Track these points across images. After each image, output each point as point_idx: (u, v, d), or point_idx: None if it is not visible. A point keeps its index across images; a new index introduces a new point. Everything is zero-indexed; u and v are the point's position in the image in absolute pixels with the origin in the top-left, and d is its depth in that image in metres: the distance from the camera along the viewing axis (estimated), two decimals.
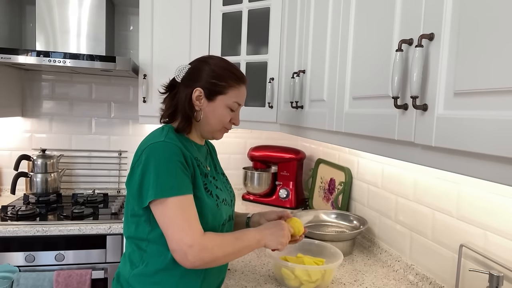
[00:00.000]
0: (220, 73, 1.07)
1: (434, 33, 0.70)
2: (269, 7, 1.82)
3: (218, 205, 1.06)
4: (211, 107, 1.08)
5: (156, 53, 2.04)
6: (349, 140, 1.09)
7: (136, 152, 1.02)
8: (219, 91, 1.07)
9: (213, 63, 1.09)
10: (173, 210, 0.93)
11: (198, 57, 1.15)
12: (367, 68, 0.98)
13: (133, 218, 1.02)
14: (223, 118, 1.10)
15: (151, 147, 0.97)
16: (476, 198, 1.05)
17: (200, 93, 1.06)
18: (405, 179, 1.39)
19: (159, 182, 0.93)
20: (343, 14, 1.12)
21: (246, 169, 2.34)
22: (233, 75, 1.09)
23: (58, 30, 1.99)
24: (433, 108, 0.69)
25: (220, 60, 1.11)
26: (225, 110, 1.09)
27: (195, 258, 0.91)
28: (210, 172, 1.14)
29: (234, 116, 1.13)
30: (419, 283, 1.26)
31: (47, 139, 2.30)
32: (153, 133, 1.06)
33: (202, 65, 1.09)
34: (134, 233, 1.02)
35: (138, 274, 1.01)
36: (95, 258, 1.78)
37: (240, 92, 1.11)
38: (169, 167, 0.94)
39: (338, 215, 1.70)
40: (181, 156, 0.97)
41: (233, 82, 1.08)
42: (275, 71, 1.82)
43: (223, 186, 1.16)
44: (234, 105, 1.10)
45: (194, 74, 1.08)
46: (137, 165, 0.98)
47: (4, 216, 1.81)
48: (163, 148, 0.96)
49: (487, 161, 0.58)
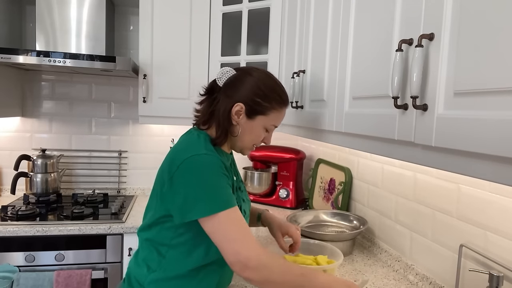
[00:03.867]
0: (266, 93, 1.03)
1: (434, 33, 0.70)
2: (269, 7, 1.82)
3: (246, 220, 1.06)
4: (249, 125, 1.04)
5: (156, 53, 2.04)
6: (349, 140, 1.09)
7: (172, 160, 0.96)
8: (261, 112, 1.03)
9: (260, 79, 1.04)
10: (227, 223, 0.90)
11: (244, 66, 1.11)
12: (367, 68, 0.98)
13: (155, 223, 1.00)
14: (257, 137, 1.07)
15: (193, 159, 0.93)
16: (476, 198, 1.05)
17: (241, 109, 1.02)
18: (405, 179, 1.39)
19: (210, 198, 0.90)
20: (343, 14, 1.12)
21: (246, 169, 2.34)
22: (279, 97, 1.05)
23: (58, 30, 1.99)
24: (433, 108, 0.69)
25: (267, 76, 1.06)
26: (261, 131, 1.06)
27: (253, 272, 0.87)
28: (236, 182, 1.11)
29: (267, 136, 1.10)
30: (419, 283, 1.26)
31: (47, 139, 2.30)
32: (188, 140, 1.02)
33: (247, 78, 1.03)
34: (155, 237, 1.00)
35: (155, 279, 0.99)
36: (95, 258, 1.78)
37: (280, 115, 1.08)
38: (217, 181, 0.92)
39: (338, 215, 1.70)
40: (224, 169, 0.95)
41: (277, 104, 1.04)
42: (275, 71, 1.82)
43: (246, 197, 1.15)
44: (271, 127, 1.08)
45: (238, 86, 1.03)
46: (178, 176, 0.93)
47: (4, 216, 1.81)
48: (208, 162, 0.93)
49: (487, 161, 0.58)
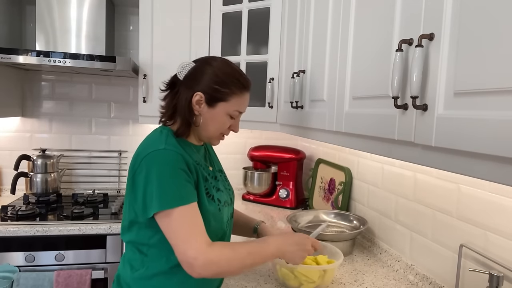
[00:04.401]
0: (223, 79, 1.02)
1: (434, 33, 0.70)
2: (269, 7, 1.82)
3: (220, 209, 1.04)
4: (210, 113, 1.03)
5: (156, 53, 2.04)
6: (349, 140, 1.09)
7: (134, 157, 0.98)
8: (221, 98, 1.02)
9: (217, 67, 1.03)
10: (178, 221, 0.91)
11: (202, 57, 1.09)
12: (367, 68, 0.98)
13: (133, 224, 1.01)
14: (222, 125, 1.06)
15: (152, 155, 0.94)
16: (476, 198, 1.05)
17: (200, 98, 1.01)
18: (405, 179, 1.39)
19: (163, 193, 0.91)
20: (343, 14, 1.12)
21: (246, 169, 2.34)
22: (237, 81, 1.03)
23: (58, 30, 1.99)
24: (433, 108, 0.69)
25: (225, 63, 1.05)
26: (225, 118, 1.05)
27: (201, 270, 0.89)
28: (212, 172, 1.11)
29: (234, 124, 1.09)
30: (419, 283, 1.26)
31: (47, 139, 2.30)
32: (151, 137, 1.02)
33: (205, 67, 1.03)
34: (135, 238, 1.01)
35: (138, 278, 1.01)
36: (95, 258, 1.78)
37: (242, 100, 1.06)
38: (173, 177, 0.92)
39: (338, 215, 1.70)
40: (184, 164, 0.95)
41: (236, 89, 1.03)
42: (275, 71, 1.82)
43: (223, 186, 1.14)
44: (235, 113, 1.06)
45: (197, 76, 1.03)
46: (138, 173, 0.95)
47: (4, 216, 1.81)
48: (165, 157, 0.93)
49: (487, 161, 0.58)
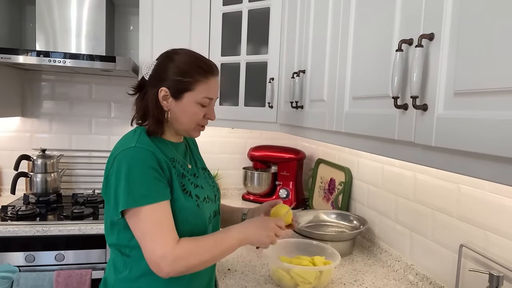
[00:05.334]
0: (184, 69, 1.00)
1: (434, 33, 0.70)
2: (269, 7, 1.82)
3: (199, 205, 1.03)
4: (179, 106, 1.01)
5: (156, 53, 2.01)
6: (349, 140, 1.09)
7: (108, 158, 0.98)
8: (186, 88, 1.00)
9: (178, 59, 1.01)
10: (144, 220, 0.90)
11: (164, 52, 1.06)
12: (367, 68, 0.98)
13: (113, 226, 1.00)
14: (194, 116, 1.03)
15: (122, 153, 0.93)
16: (476, 198, 1.05)
17: (166, 93, 1.00)
18: (405, 179, 1.39)
19: (130, 191, 0.90)
20: (343, 14, 1.12)
21: (246, 169, 2.34)
22: (199, 68, 1.01)
23: (58, 30, 1.99)
24: (433, 108, 0.69)
25: (186, 54, 1.03)
26: (195, 107, 1.02)
27: (169, 269, 0.89)
28: (191, 169, 1.10)
29: (208, 111, 1.06)
30: (419, 283, 1.26)
31: (47, 139, 2.29)
32: (125, 137, 1.02)
33: (166, 62, 1.02)
34: (116, 241, 1.00)
35: (122, 279, 1.00)
36: (95, 258, 1.78)
37: (209, 86, 1.03)
38: (141, 175, 0.91)
39: (338, 215, 1.70)
40: (154, 161, 0.93)
41: (199, 76, 1.00)
42: (275, 71, 1.81)
43: (204, 183, 1.12)
44: (205, 101, 1.03)
45: (159, 72, 1.01)
46: (111, 174, 0.94)
47: (4, 216, 1.81)
48: (134, 155, 0.92)
49: (487, 161, 0.58)
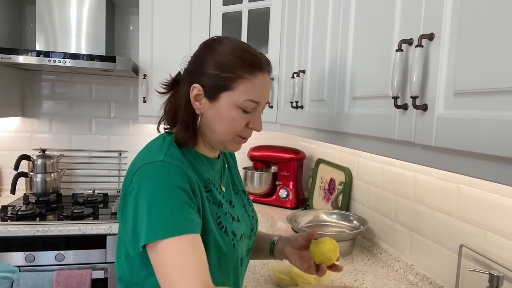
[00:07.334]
0: (224, 61, 0.78)
1: (434, 33, 0.70)
2: (269, 7, 1.82)
3: (235, 245, 0.82)
4: (214, 109, 0.80)
5: (156, 53, 2.03)
6: (349, 140, 1.09)
7: (127, 172, 0.77)
8: (223, 86, 0.78)
9: (219, 50, 0.80)
10: (169, 255, 0.68)
11: (205, 40, 0.86)
12: (367, 68, 0.98)
13: (127, 258, 0.80)
14: (233, 123, 0.80)
15: (145, 168, 0.73)
16: (476, 198, 1.05)
17: (199, 91, 0.79)
18: (405, 179, 1.39)
19: (153, 219, 0.69)
20: (343, 14, 1.12)
21: (246, 169, 2.34)
22: (242, 61, 0.78)
23: (58, 30, 1.99)
24: (433, 108, 0.69)
25: (231, 44, 0.81)
26: (234, 112, 0.79)
27: None
28: (226, 194, 0.89)
29: (252, 119, 0.82)
30: (419, 283, 1.26)
31: (47, 139, 2.30)
32: (151, 145, 0.81)
33: (205, 53, 0.82)
34: (128, 276, 0.81)
35: None
36: (95, 258, 1.78)
37: (255, 85, 0.79)
38: (167, 198, 0.70)
39: (338, 215, 1.70)
40: (186, 182, 0.73)
41: (242, 71, 0.77)
42: (275, 71, 1.80)
43: (242, 213, 0.91)
44: (248, 104, 0.79)
45: (196, 66, 0.82)
46: (129, 192, 0.74)
47: (4, 216, 1.81)
48: (160, 171, 0.72)
49: (487, 161, 0.58)
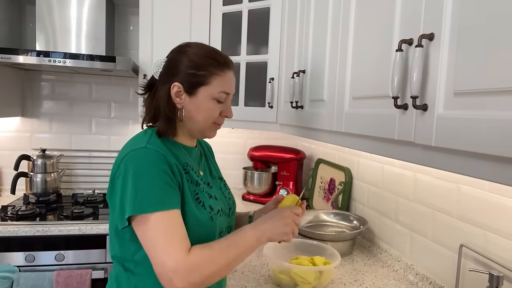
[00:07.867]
0: (198, 62, 0.94)
1: (434, 33, 0.70)
2: (269, 7, 1.82)
3: (213, 218, 0.94)
4: (193, 102, 0.95)
5: (156, 53, 2.03)
6: (349, 140, 1.09)
7: (115, 160, 0.90)
8: (200, 82, 0.94)
9: (191, 52, 0.95)
10: (154, 228, 0.81)
11: (175, 47, 1.00)
12: (367, 68, 0.98)
13: (117, 236, 0.91)
14: (210, 112, 0.96)
15: (130, 155, 0.86)
16: (476, 198, 1.05)
17: (179, 88, 0.94)
18: (405, 179, 1.39)
19: (138, 196, 0.82)
20: (343, 14, 1.12)
21: (246, 169, 2.34)
22: (214, 61, 0.95)
23: (58, 30, 1.99)
24: (433, 108, 0.69)
25: (200, 47, 0.98)
26: (211, 103, 0.96)
27: (183, 283, 0.79)
28: (204, 177, 1.02)
29: (224, 108, 0.99)
30: (419, 283, 1.26)
31: (47, 139, 2.30)
32: (134, 137, 0.95)
33: (179, 56, 0.96)
34: (120, 253, 0.92)
35: None
36: (95, 258, 1.78)
37: (225, 79, 0.97)
38: (150, 178, 0.83)
39: (338, 215, 1.70)
40: (165, 164, 0.86)
41: (214, 69, 0.95)
42: (275, 71, 1.81)
43: (219, 194, 1.04)
44: (221, 96, 0.96)
45: (172, 68, 0.96)
46: (117, 176, 0.87)
47: (4, 216, 1.81)
48: (143, 156, 0.85)
49: (487, 161, 0.58)
